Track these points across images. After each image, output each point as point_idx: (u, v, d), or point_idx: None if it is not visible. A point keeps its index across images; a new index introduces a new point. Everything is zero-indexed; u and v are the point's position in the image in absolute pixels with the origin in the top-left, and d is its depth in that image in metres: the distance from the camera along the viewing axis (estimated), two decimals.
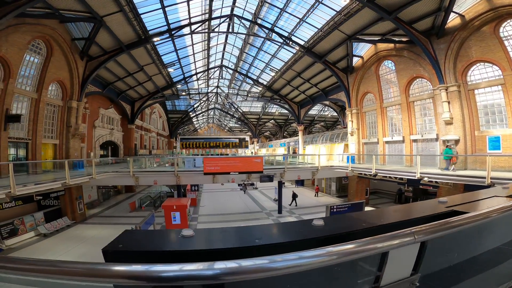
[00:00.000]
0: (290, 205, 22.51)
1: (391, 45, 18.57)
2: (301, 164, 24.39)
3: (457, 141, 15.92)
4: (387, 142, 21.53)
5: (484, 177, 11.15)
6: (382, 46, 19.39)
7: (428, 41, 15.65)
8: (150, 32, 18.60)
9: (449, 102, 15.86)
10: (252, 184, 21.13)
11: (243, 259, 0.87)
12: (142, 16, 16.50)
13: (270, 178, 19.56)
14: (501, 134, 13.93)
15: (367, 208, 21.54)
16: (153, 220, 11.06)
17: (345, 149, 27.20)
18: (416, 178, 14.83)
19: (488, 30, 13.74)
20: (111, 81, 23.47)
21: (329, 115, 47.74)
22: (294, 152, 37.37)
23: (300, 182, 32.88)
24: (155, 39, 19.22)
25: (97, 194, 23.97)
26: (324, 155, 27.04)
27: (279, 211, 20.43)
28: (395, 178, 16.83)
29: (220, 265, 0.84)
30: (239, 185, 20.36)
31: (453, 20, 14.86)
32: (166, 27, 18.66)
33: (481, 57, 14.13)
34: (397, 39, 17.63)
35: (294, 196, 22.89)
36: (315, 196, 27.11)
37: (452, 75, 15.42)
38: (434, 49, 15.61)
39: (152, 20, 17.64)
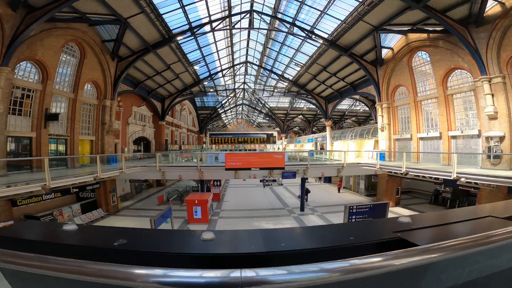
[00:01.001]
0: (305, 201, 21.90)
1: (424, 35, 17.03)
2: (328, 161, 23.66)
3: (502, 138, 14.29)
4: (421, 139, 19.99)
5: None
6: (414, 36, 17.85)
7: (466, 30, 14.08)
8: (174, 32, 19.15)
9: (493, 95, 14.21)
10: (274, 181, 20.95)
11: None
12: (164, 16, 17.03)
13: (292, 175, 19.24)
14: None
15: (398, 209, 20.36)
16: (170, 214, 11.26)
17: (376, 145, 25.76)
18: (451, 178, 13.58)
19: None
20: (141, 80, 24.68)
21: (361, 110, 45.53)
22: (322, 148, 36.30)
23: (326, 179, 31.92)
24: (178, 38, 19.76)
25: (130, 188, 25.52)
26: (350, 151, 25.82)
27: (301, 208, 20.02)
28: (430, 177, 15.58)
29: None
30: (260, 180, 20.33)
31: (492, 8, 13.27)
32: (187, 26, 19.06)
33: None
34: (430, 29, 16.12)
35: (307, 192, 22.24)
36: (338, 192, 26.44)
37: (496, 66, 13.75)
38: (474, 38, 14.00)
39: (174, 20, 18.13)
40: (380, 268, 0.87)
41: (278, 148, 46.81)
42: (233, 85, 39.51)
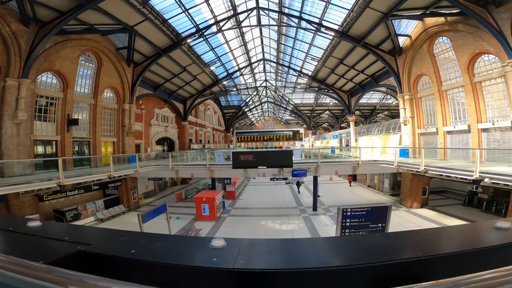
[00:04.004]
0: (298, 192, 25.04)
1: (442, 19, 15.42)
2: (343, 158, 22.60)
3: None
4: (449, 132, 18.11)
5: None
6: (431, 21, 16.22)
7: (486, 11, 12.43)
8: (182, 35, 19.79)
9: None
10: (285, 179, 20.52)
11: None
12: (170, 21, 17.67)
13: (303, 173, 18.73)
14: None
15: (423, 211, 18.61)
16: (164, 210, 11.56)
17: (401, 140, 23.86)
18: (473, 178, 11.99)
19: None
20: (160, 83, 25.98)
21: (393, 103, 42.39)
22: (347, 145, 34.62)
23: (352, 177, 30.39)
24: (188, 40, 20.37)
25: (154, 185, 27.07)
26: (365, 147, 24.24)
27: (314, 208, 19.41)
28: (456, 177, 13.92)
29: None
30: (271, 179, 20.10)
31: None
32: (195, 29, 19.56)
33: None
34: (446, 12, 14.53)
35: (298, 184, 25.18)
36: (349, 186, 27.50)
37: None
38: (496, 19, 12.29)
39: (181, 23, 18.70)
40: None
41: (302, 145, 45.70)
42: (254, 83, 39.56)
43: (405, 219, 16.84)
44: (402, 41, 18.84)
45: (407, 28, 18.05)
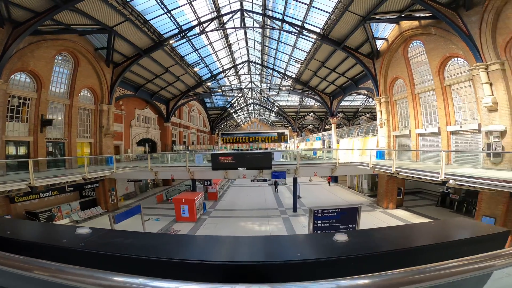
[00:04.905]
0: (276, 191, 26.18)
1: (416, 23, 15.97)
2: (321, 160, 23.00)
3: (503, 133, 12.94)
4: (420, 135, 18.78)
5: None
6: (406, 24, 16.78)
7: (456, 15, 13.00)
8: (165, 36, 19.70)
9: (491, 84, 12.95)
10: (265, 180, 20.74)
11: None
12: (151, 22, 17.56)
13: (283, 175, 18.99)
14: None
15: (398, 212, 19.19)
16: (138, 211, 11.37)
17: (378, 142, 24.59)
18: (439, 179, 12.41)
19: None
20: (141, 83, 25.65)
21: (375, 106, 43.43)
22: (329, 147, 35.27)
23: (333, 179, 30.96)
24: (171, 41, 20.28)
25: (134, 187, 26.66)
26: (341, 149, 24.85)
27: (294, 209, 19.67)
28: (426, 179, 14.41)
29: None
30: (251, 180, 20.28)
31: None
32: (177, 30, 19.52)
33: None
34: (420, 15, 15.09)
35: (276, 184, 26.74)
36: (328, 185, 28.84)
37: (492, 51, 12.49)
38: (465, 22, 12.87)
39: (163, 24, 18.63)
40: None
41: (287, 147, 46.29)
42: (239, 84, 39.71)
43: (381, 220, 17.30)
44: (380, 44, 19.45)
45: (385, 32, 18.66)
